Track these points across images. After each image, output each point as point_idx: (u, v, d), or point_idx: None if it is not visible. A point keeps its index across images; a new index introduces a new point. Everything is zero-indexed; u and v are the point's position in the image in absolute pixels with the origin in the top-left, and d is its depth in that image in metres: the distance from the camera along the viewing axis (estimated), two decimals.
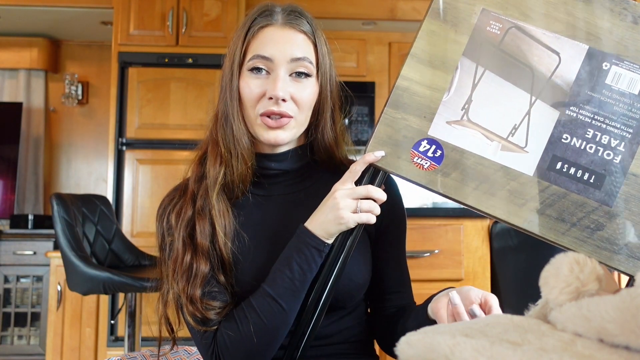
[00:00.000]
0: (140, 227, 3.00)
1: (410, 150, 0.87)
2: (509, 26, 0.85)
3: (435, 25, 0.87)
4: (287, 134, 0.94)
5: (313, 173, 1.02)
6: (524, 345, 0.47)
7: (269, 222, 0.98)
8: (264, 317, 0.88)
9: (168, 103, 3.05)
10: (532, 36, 0.85)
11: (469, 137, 0.85)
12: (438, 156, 0.86)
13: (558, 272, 0.53)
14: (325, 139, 0.99)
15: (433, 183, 0.86)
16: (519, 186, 0.84)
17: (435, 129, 0.86)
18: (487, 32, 0.86)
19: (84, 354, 2.90)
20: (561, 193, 0.83)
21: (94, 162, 4.20)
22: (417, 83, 0.87)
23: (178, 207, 0.96)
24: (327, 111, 0.98)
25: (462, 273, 2.37)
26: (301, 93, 0.93)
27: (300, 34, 0.94)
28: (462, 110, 0.86)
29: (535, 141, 0.84)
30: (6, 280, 3.50)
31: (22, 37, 3.99)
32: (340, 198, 0.88)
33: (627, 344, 0.43)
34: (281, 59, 0.92)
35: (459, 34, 0.86)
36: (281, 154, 0.99)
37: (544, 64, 0.84)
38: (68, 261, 1.86)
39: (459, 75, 0.86)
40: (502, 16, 0.85)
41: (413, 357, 0.50)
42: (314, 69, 0.94)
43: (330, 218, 0.88)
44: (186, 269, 0.91)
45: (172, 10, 3.11)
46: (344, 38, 3.79)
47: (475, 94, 0.86)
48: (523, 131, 0.84)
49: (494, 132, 0.85)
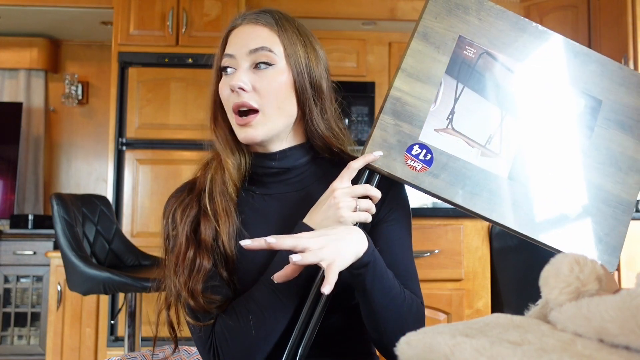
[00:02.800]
0: (140, 227, 3.00)
1: (404, 153, 0.95)
2: (481, 51, 0.99)
3: (421, 46, 0.98)
4: (258, 131, 0.94)
5: (319, 168, 1.02)
6: (524, 345, 0.47)
7: (274, 221, 0.98)
8: (262, 309, 0.89)
9: (168, 103, 3.05)
10: (498, 60, 1.00)
11: (454, 144, 0.96)
12: (428, 159, 0.95)
13: (558, 272, 0.53)
14: (315, 127, 0.99)
15: (424, 183, 0.95)
16: (497, 187, 0.96)
17: (425, 135, 0.96)
18: (464, 55, 0.98)
19: (84, 354, 2.90)
20: (531, 193, 0.97)
21: (94, 162, 4.20)
22: (407, 94, 0.97)
23: (184, 204, 0.97)
24: (309, 100, 0.97)
25: (462, 273, 2.37)
26: (262, 82, 0.93)
27: (260, 26, 0.95)
28: (447, 119, 0.97)
29: (507, 148, 0.98)
30: (6, 280, 3.50)
31: (22, 37, 3.99)
32: (340, 197, 0.89)
33: (627, 344, 0.43)
34: (241, 53, 0.94)
35: (441, 54, 0.98)
36: (279, 153, 0.99)
37: (509, 84, 0.99)
38: (68, 261, 1.86)
39: (442, 90, 0.97)
40: (475, 43, 0.99)
41: (413, 357, 0.50)
42: (277, 57, 0.94)
43: (330, 216, 0.89)
44: (189, 264, 0.92)
45: (172, 10, 3.11)
46: (344, 38, 3.79)
47: (457, 106, 0.97)
48: (497, 140, 0.97)
49: (474, 139, 0.97)
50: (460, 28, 0.98)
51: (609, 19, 3.39)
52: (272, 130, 0.96)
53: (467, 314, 2.37)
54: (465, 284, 2.38)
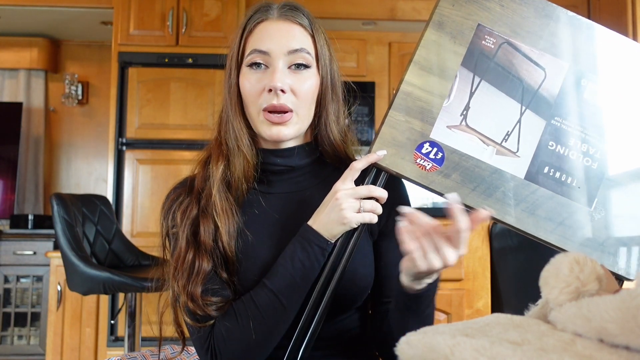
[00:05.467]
0: (140, 227, 3.00)
1: (414, 152, 0.90)
2: (501, 42, 0.92)
3: (436, 36, 0.92)
4: (290, 130, 0.94)
5: (321, 170, 1.01)
6: (524, 345, 0.47)
7: (274, 220, 0.97)
8: (262, 311, 0.88)
9: (168, 103, 3.05)
10: (521, 52, 0.92)
11: (467, 141, 0.91)
12: (439, 158, 0.90)
13: (558, 272, 0.53)
14: (329, 132, 0.98)
15: (434, 183, 0.90)
16: (512, 188, 0.90)
17: (437, 132, 0.91)
18: (483, 46, 0.92)
19: (84, 354, 2.90)
20: (548, 195, 0.91)
21: (94, 162, 4.20)
22: (419, 89, 0.91)
23: (184, 205, 0.96)
24: (329, 104, 0.97)
25: (462, 273, 2.37)
26: (301, 85, 0.93)
27: (297, 25, 0.94)
28: (461, 115, 0.91)
29: (525, 147, 0.91)
30: (6, 280, 3.50)
31: (22, 37, 3.99)
32: (343, 198, 0.87)
33: (627, 344, 0.43)
34: (278, 52, 0.92)
35: (457, 45, 0.91)
36: (287, 150, 0.98)
37: (532, 77, 0.92)
38: (68, 261, 1.86)
39: (457, 83, 0.91)
40: (495, 32, 0.92)
41: (413, 357, 0.50)
42: (312, 60, 0.94)
43: (333, 218, 0.88)
44: (187, 267, 0.91)
45: (172, 10, 3.11)
46: (344, 38, 3.78)
47: (472, 101, 0.91)
48: (515, 137, 0.91)
49: (490, 137, 0.91)
50: (479, 16, 0.91)
51: (609, 19, 3.39)
52: (300, 130, 0.96)
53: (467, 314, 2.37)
54: (465, 284, 2.38)
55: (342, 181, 0.89)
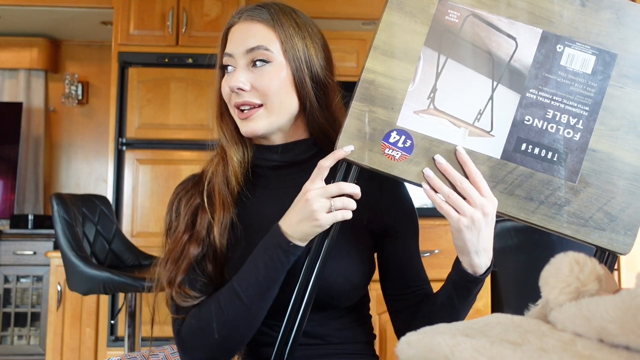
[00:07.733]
0: (140, 227, 3.00)
1: (381, 142, 0.87)
2: (466, 14, 0.86)
3: (395, 17, 0.87)
4: (261, 124, 0.95)
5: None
6: (524, 345, 0.47)
7: (267, 216, 0.97)
8: (224, 309, 0.89)
9: (168, 103, 3.05)
10: (489, 23, 0.87)
11: (437, 125, 0.86)
12: (408, 146, 0.86)
13: (558, 272, 0.53)
14: (315, 120, 0.98)
15: (406, 173, 0.87)
16: (488, 169, 0.86)
17: (404, 119, 0.87)
18: (446, 21, 0.87)
19: (84, 354, 2.90)
20: (527, 173, 0.87)
21: (94, 162, 4.20)
22: (381, 75, 0.87)
23: (189, 194, 1.00)
24: (310, 93, 0.96)
25: None
26: (261, 80, 0.94)
27: (257, 23, 0.95)
28: (428, 99, 0.87)
29: (500, 125, 0.87)
30: (6, 280, 3.50)
31: (22, 37, 3.99)
32: (313, 199, 0.85)
33: (627, 344, 0.43)
34: (238, 53, 0.95)
35: (418, 24, 0.87)
36: (282, 146, 0.99)
37: (502, 49, 0.87)
38: (68, 261, 1.87)
39: (422, 65, 0.87)
40: (459, 4, 0.86)
41: (413, 357, 0.50)
42: (274, 54, 0.94)
43: (304, 220, 0.86)
44: (179, 250, 0.94)
45: (172, 10, 3.11)
46: (344, 38, 3.78)
47: (439, 82, 0.87)
48: (488, 116, 0.86)
49: (461, 118, 0.87)
50: None
51: None
52: (274, 124, 0.96)
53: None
54: None
55: (311, 181, 0.88)
